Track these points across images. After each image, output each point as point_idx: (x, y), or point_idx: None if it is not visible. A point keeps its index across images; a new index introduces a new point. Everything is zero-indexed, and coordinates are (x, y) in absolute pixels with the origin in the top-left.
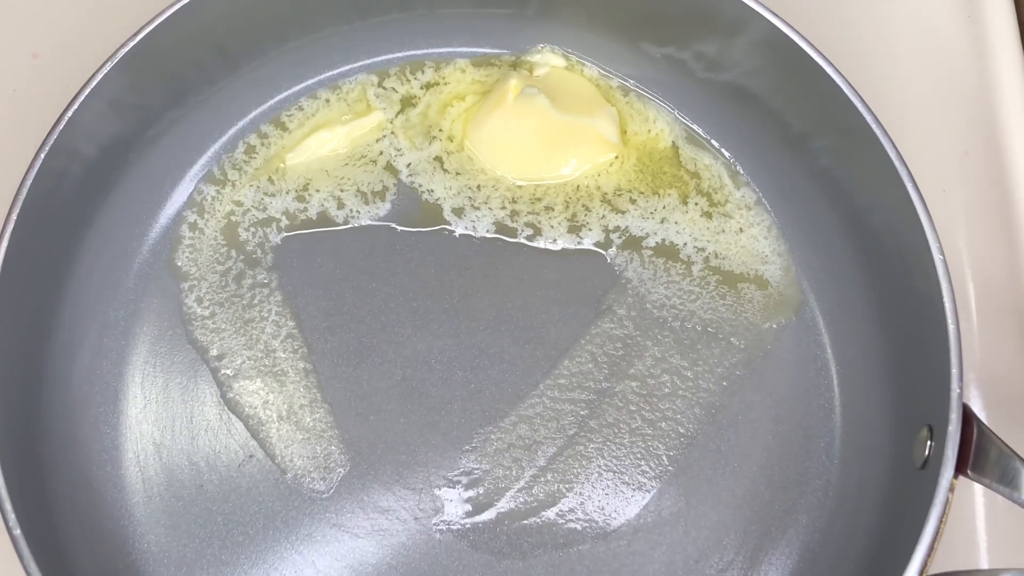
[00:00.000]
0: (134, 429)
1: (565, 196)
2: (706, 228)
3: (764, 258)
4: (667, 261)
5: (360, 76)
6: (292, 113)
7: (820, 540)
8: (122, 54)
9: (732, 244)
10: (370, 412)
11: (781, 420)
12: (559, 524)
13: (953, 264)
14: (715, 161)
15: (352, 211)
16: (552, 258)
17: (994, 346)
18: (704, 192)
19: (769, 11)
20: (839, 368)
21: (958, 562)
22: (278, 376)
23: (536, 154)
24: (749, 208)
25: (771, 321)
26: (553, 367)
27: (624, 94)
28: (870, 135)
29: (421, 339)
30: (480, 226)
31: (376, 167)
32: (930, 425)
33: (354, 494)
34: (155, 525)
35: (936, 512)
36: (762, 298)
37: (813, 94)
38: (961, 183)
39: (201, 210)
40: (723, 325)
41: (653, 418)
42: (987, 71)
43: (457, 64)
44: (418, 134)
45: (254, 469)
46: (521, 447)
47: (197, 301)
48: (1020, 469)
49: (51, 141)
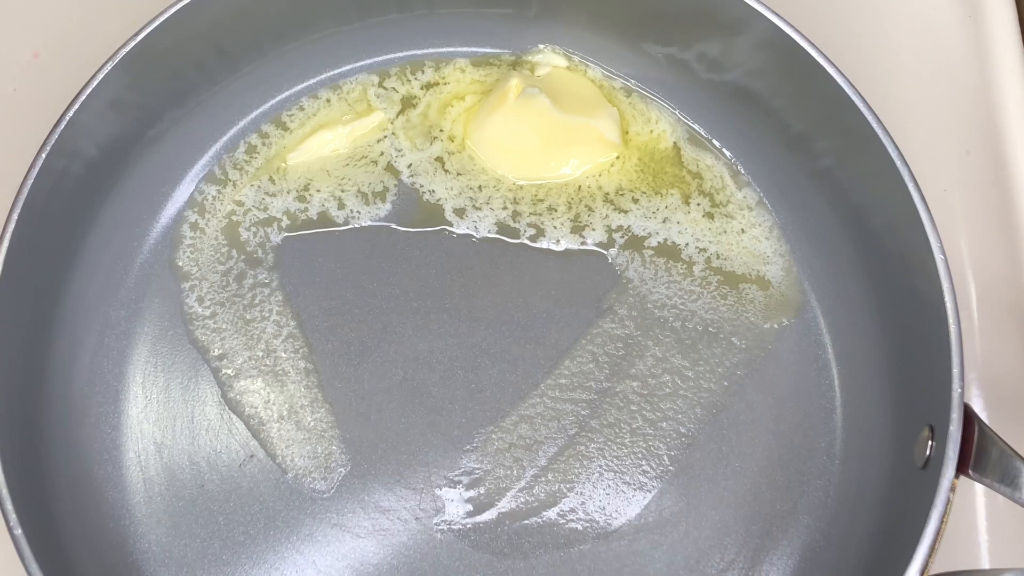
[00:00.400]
0: (135, 429)
1: (567, 197)
2: (708, 229)
3: (766, 259)
4: (668, 261)
5: (361, 76)
6: (293, 113)
7: (821, 540)
8: (122, 54)
9: (734, 245)
10: (371, 412)
11: (782, 420)
12: (560, 524)
13: (954, 264)
14: (717, 162)
15: (353, 211)
16: (553, 258)
17: (995, 346)
18: (706, 193)
19: (770, 11)
20: (840, 368)
21: (959, 562)
22: (279, 376)
23: (537, 154)
24: (751, 209)
25: (772, 321)
26: (554, 367)
27: (627, 95)
28: (871, 135)
29: (422, 339)
30: (482, 226)
31: (377, 168)
32: (931, 425)
33: (355, 494)
34: (156, 525)
35: (937, 512)
36: (763, 298)
37: (814, 94)
38: (962, 183)
39: (202, 210)
40: (724, 325)
41: (654, 418)
42: (988, 71)
43: (457, 64)
44: (419, 135)
45: (255, 469)
46: (522, 447)
47: (198, 301)
48: (1021, 469)
49: (52, 141)
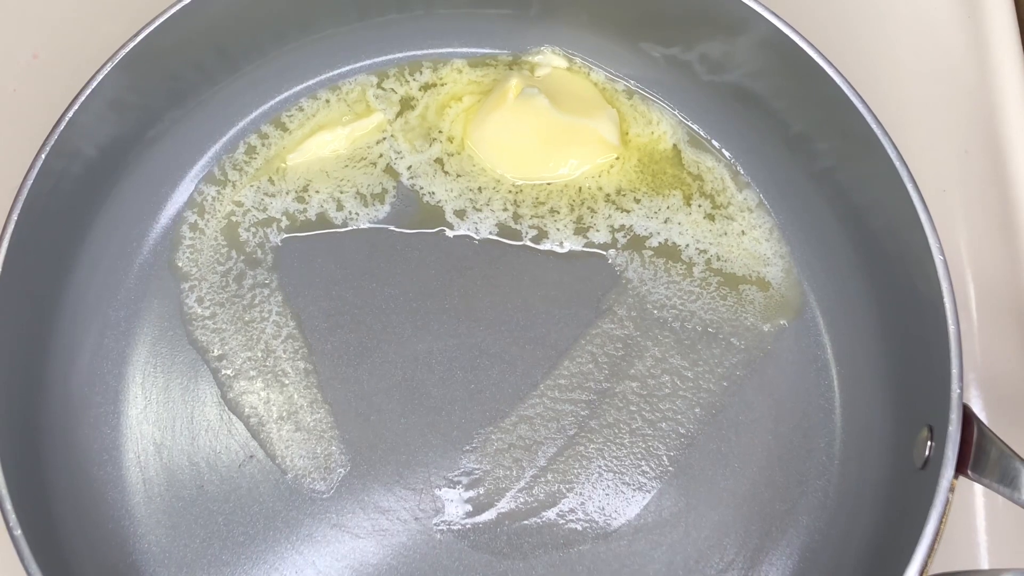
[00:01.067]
0: (134, 429)
1: (569, 198)
2: (709, 230)
3: (766, 260)
4: (668, 262)
5: (360, 77)
6: (292, 113)
7: (820, 540)
8: (122, 54)
9: (735, 247)
10: (370, 412)
11: (781, 420)
12: (559, 524)
13: (953, 264)
14: (717, 163)
15: (351, 213)
16: (552, 259)
17: (994, 346)
18: (707, 194)
19: (770, 12)
20: (839, 368)
21: (958, 562)
22: (278, 376)
23: (535, 154)
24: (751, 210)
25: (772, 322)
26: (553, 367)
27: (628, 96)
28: (871, 136)
29: (421, 339)
30: (483, 228)
31: (376, 169)
32: (930, 425)
33: (354, 494)
34: (156, 525)
35: (936, 512)
36: (763, 299)
37: (814, 95)
38: (961, 183)
39: (201, 210)
40: (723, 325)
41: (653, 418)
42: (987, 71)
43: (454, 65)
44: (418, 136)
45: (255, 469)
46: (521, 447)
47: (198, 301)
48: (1020, 469)
49: (51, 141)
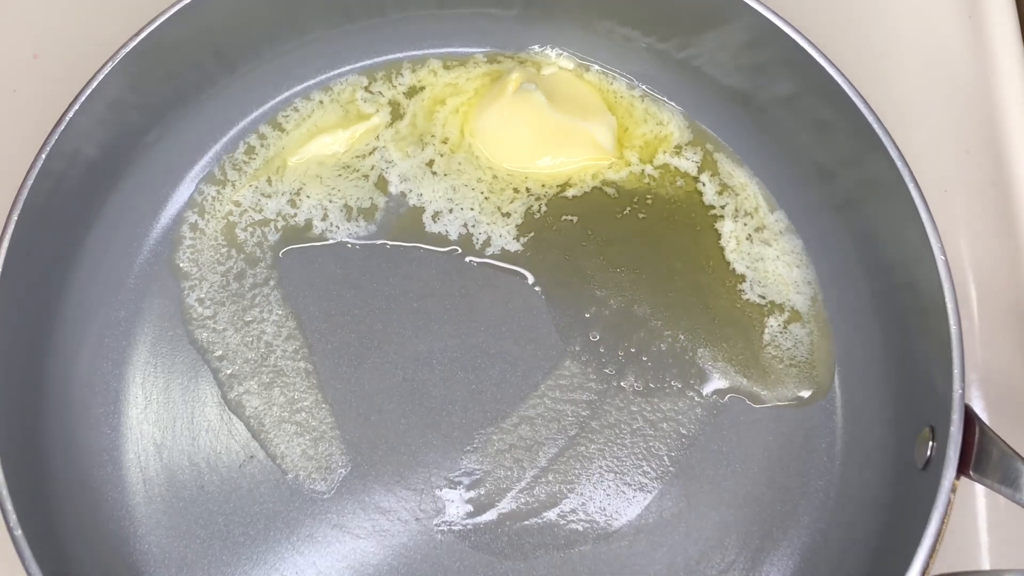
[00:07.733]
0: (135, 429)
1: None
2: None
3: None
4: None
5: (351, 78)
6: (288, 114)
7: (821, 541)
8: (122, 54)
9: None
10: (371, 413)
11: (782, 421)
12: (560, 525)
13: (954, 264)
14: (716, 164)
15: (332, 225)
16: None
17: (996, 346)
18: (707, 204)
19: (770, 11)
20: (840, 368)
21: (960, 563)
22: (279, 376)
23: (526, 147)
24: (751, 213)
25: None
26: (554, 367)
27: (641, 100)
28: (871, 135)
29: (422, 340)
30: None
31: (367, 183)
32: (932, 426)
33: (355, 495)
34: (156, 526)
35: (938, 513)
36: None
37: (814, 95)
38: (962, 183)
39: (202, 210)
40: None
41: (655, 419)
42: (988, 71)
43: (430, 65)
44: (410, 143)
45: (255, 470)
46: (522, 448)
47: (198, 301)
48: (1022, 470)
49: (52, 142)
